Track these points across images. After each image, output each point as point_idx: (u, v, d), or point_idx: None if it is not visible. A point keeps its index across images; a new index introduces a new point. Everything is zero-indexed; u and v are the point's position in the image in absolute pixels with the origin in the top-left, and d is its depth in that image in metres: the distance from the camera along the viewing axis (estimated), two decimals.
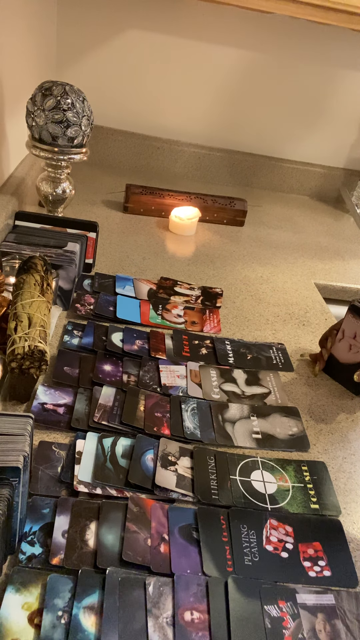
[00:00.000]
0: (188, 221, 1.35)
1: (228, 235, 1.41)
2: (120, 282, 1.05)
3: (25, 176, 1.25)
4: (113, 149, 1.70)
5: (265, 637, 0.50)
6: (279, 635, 0.51)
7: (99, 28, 1.53)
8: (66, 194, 1.15)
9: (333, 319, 1.10)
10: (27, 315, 0.73)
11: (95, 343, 0.86)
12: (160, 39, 1.55)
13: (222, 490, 0.65)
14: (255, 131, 1.73)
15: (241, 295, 1.12)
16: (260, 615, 0.52)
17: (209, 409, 0.78)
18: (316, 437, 0.77)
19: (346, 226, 1.65)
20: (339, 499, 0.68)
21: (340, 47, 1.59)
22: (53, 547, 0.54)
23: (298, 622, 0.52)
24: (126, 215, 1.40)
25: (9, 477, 0.50)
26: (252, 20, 1.53)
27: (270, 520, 0.62)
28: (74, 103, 1.00)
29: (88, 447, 0.66)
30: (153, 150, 1.71)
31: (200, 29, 1.54)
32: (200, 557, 0.57)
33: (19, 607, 0.49)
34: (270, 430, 0.76)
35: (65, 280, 0.93)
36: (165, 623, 0.50)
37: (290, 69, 1.62)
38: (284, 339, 1.00)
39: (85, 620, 0.49)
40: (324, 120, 1.73)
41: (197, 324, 0.98)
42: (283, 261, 1.32)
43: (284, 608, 0.53)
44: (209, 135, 1.72)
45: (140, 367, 0.83)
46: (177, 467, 0.67)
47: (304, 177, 1.80)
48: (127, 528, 0.57)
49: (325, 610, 0.54)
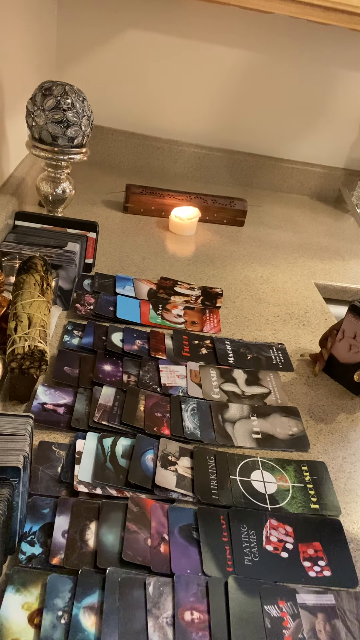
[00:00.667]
0: (188, 221, 1.35)
1: (228, 235, 1.41)
2: (120, 282, 1.05)
3: (25, 176, 1.25)
4: (113, 149, 1.70)
5: (266, 637, 0.50)
6: (279, 635, 0.51)
7: (99, 28, 1.53)
8: (66, 194, 1.15)
9: (333, 319, 1.10)
10: (27, 315, 0.73)
11: (95, 343, 0.86)
12: (160, 39, 1.55)
13: (222, 490, 0.65)
14: (255, 131, 1.73)
15: (241, 295, 1.12)
16: (260, 615, 0.52)
17: (209, 409, 0.78)
18: (316, 437, 0.77)
19: (346, 226, 1.65)
20: (339, 499, 0.68)
21: (340, 47, 1.59)
22: (53, 547, 0.54)
23: (298, 622, 0.52)
24: (126, 215, 1.40)
25: (9, 477, 0.50)
26: (252, 20, 1.53)
27: (270, 520, 0.62)
28: (74, 103, 1.00)
29: (88, 447, 0.66)
30: (153, 150, 1.71)
31: (200, 29, 1.54)
32: (200, 557, 0.57)
33: (19, 607, 0.49)
34: (270, 430, 0.76)
35: (65, 280, 0.93)
36: (165, 623, 0.50)
37: (291, 69, 1.62)
38: (284, 339, 1.00)
39: (85, 620, 0.49)
40: (324, 120, 1.73)
41: (197, 324, 0.98)
42: (283, 261, 1.32)
43: (284, 608, 0.53)
44: (209, 135, 1.72)
45: (140, 367, 0.83)
46: (177, 467, 0.67)
47: (304, 177, 1.80)
48: (127, 528, 0.57)
49: (325, 611, 0.54)
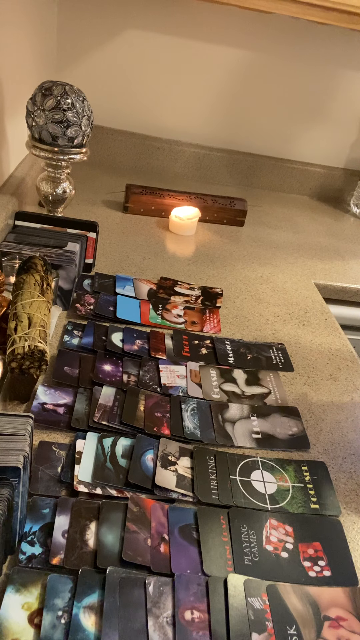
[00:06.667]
0: (188, 221, 1.35)
1: (228, 235, 1.41)
2: (120, 282, 1.05)
3: (25, 176, 1.25)
4: (113, 149, 1.70)
5: (249, 631, 0.50)
6: (263, 626, 0.51)
7: (99, 28, 1.53)
8: (66, 194, 1.15)
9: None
10: (27, 315, 0.73)
11: (95, 343, 0.86)
12: (160, 39, 1.55)
13: (222, 490, 0.65)
14: (255, 131, 1.73)
15: (241, 295, 1.12)
16: (244, 609, 0.52)
17: (209, 409, 0.78)
18: (316, 437, 0.77)
19: (346, 226, 1.65)
20: (339, 499, 0.68)
21: (340, 47, 1.59)
22: (53, 547, 0.54)
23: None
24: (126, 215, 1.40)
25: (9, 477, 0.50)
26: (252, 20, 1.53)
27: (270, 520, 0.62)
28: (74, 103, 1.00)
29: (88, 447, 0.66)
30: (153, 150, 1.71)
31: (200, 29, 1.54)
32: (200, 557, 0.57)
33: (19, 607, 0.49)
34: (270, 430, 0.76)
35: (65, 280, 0.93)
36: (166, 622, 0.50)
37: (291, 69, 1.62)
38: (284, 339, 1.00)
39: (86, 620, 0.49)
40: (324, 120, 1.73)
41: (197, 324, 0.98)
42: (283, 261, 1.32)
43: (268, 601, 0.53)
44: (209, 135, 1.72)
45: (140, 367, 0.83)
46: (177, 467, 0.67)
47: (304, 177, 1.80)
48: (127, 528, 0.57)
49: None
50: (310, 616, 0.53)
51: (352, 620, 0.53)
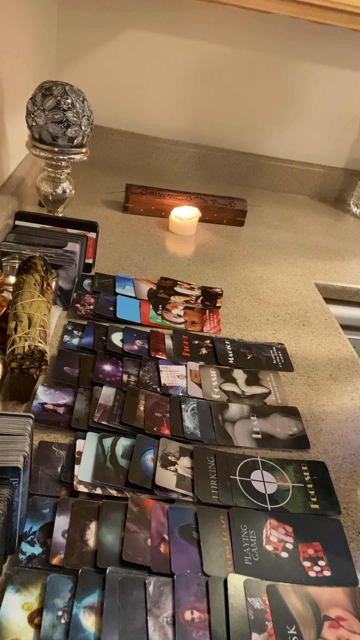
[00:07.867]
0: (188, 221, 1.35)
1: (228, 235, 1.41)
2: (120, 282, 1.05)
3: (25, 176, 1.25)
4: (113, 149, 1.70)
5: (249, 631, 0.50)
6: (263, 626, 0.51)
7: (99, 28, 1.53)
8: (66, 194, 1.15)
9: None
10: (27, 315, 0.73)
11: (95, 343, 0.86)
12: (161, 39, 1.55)
13: (222, 490, 0.65)
14: (256, 131, 1.73)
15: (241, 295, 1.12)
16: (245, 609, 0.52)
17: (209, 409, 0.78)
18: (316, 437, 0.77)
19: (346, 226, 1.65)
20: (339, 499, 0.68)
21: (340, 47, 1.59)
22: (53, 547, 0.54)
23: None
24: (126, 215, 1.40)
25: (9, 477, 0.50)
26: (252, 20, 1.53)
27: (270, 520, 0.62)
28: (74, 103, 1.00)
29: (88, 447, 0.66)
30: (153, 150, 1.71)
31: (201, 29, 1.54)
32: (200, 557, 0.57)
33: (19, 607, 0.49)
34: (270, 430, 0.76)
35: (65, 280, 0.93)
36: (166, 622, 0.50)
37: (291, 69, 1.62)
38: (284, 339, 1.00)
39: (86, 620, 0.49)
40: (324, 120, 1.73)
41: (197, 324, 0.98)
42: (283, 261, 1.32)
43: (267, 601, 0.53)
44: (209, 135, 1.72)
45: (140, 367, 0.83)
46: (177, 467, 0.67)
47: (304, 177, 1.80)
48: (127, 528, 0.57)
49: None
50: (310, 616, 0.53)
51: (352, 620, 0.53)
